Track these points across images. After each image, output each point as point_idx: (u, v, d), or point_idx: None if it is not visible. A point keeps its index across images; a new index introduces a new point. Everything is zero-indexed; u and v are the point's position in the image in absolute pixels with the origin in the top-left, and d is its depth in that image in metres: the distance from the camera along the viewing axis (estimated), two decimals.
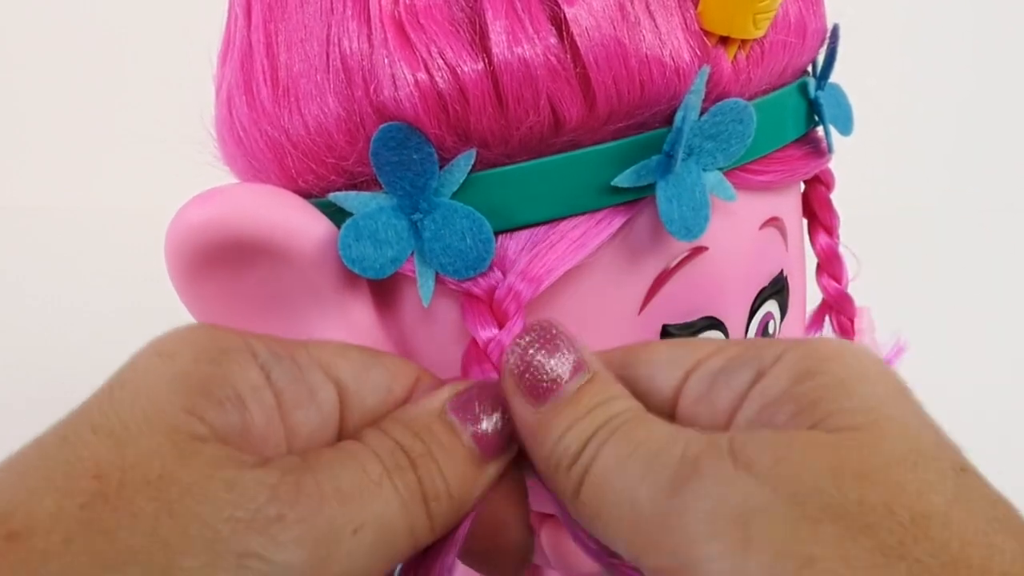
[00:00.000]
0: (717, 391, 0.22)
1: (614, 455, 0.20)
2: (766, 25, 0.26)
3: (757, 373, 0.21)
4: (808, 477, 0.18)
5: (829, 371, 0.20)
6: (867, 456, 0.18)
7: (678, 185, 0.25)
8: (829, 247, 0.34)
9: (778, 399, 0.21)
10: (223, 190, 0.25)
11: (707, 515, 0.18)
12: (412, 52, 0.24)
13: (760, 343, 0.22)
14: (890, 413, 0.19)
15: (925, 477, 0.18)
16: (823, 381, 0.20)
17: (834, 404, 0.20)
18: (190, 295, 0.26)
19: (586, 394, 0.22)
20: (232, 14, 0.29)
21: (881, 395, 0.20)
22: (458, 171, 0.25)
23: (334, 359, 0.23)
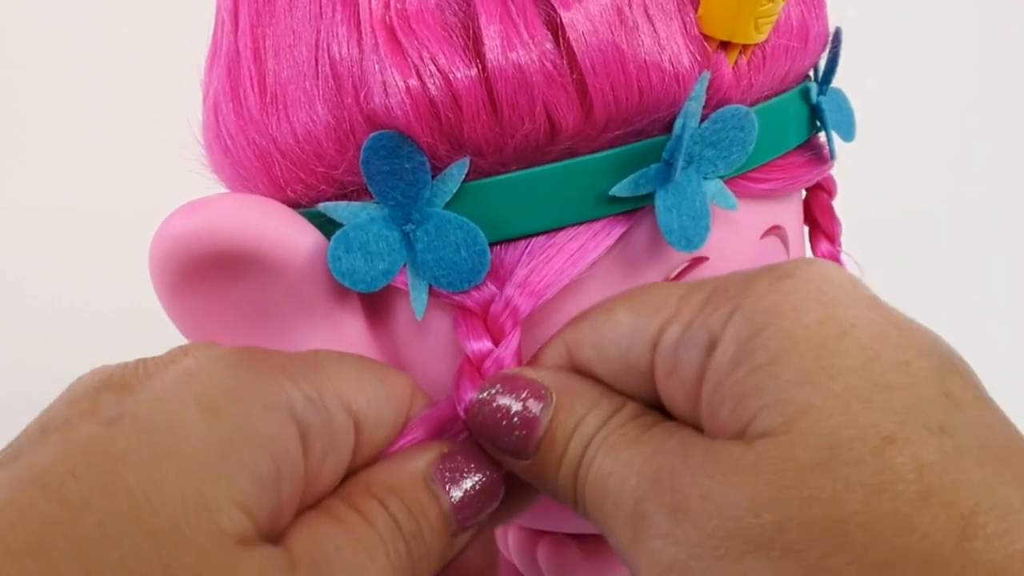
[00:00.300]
0: (681, 366, 0.22)
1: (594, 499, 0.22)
2: (768, 29, 0.25)
3: (709, 344, 0.21)
4: (730, 511, 0.18)
5: (766, 343, 0.20)
6: (781, 472, 0.18)
7: (678, 194, 0.25)
8: (831, 255, 0.34)
9: (721, 384, 0.20)
10: (209, 200, 0.25)
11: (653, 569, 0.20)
12: (403, 58, 0.23)
13: (715, 298, 0.22)
14: (810, 399, 0.19)
15: (839, 476, 0.18)
16: (756, 361, 0.20)
17: (759, 400, 0.19)
18: (175, 308, 0.26)
19: (558, 428, 0.23)
20: (219, 19, 0.28)
21: (812, 366, 0.19)
22: (451, 180, 0.24)
23: (353, 390, 0.23)
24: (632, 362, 0.23)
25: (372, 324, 0.26)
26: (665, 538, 0.19)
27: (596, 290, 0.25)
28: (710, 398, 0.21)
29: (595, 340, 0.24)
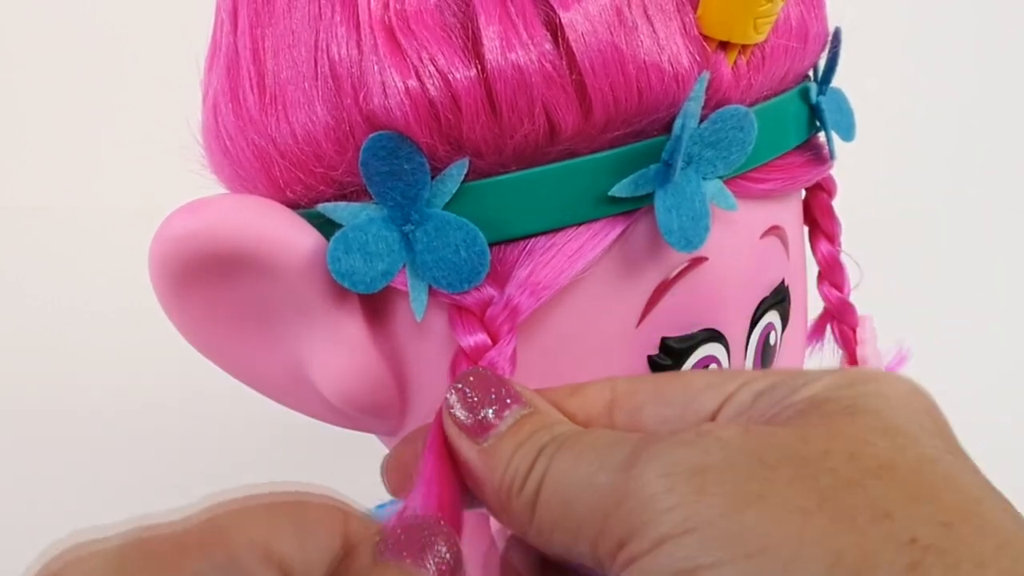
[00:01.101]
0: (758, 406, 0.21)
1: (567, 459, 0.21)
2: (767, 29, 0.25)
3: (803, 384, 0.21)
4: (774, 439, 0.18)
5: (855, 385, 0.20)
6: (841, 427, 0.18)
7: (677, 194, 0.25)
8: (831, 255, 0.34)
9: (800, 401, 0.20)
10: (208, 201, 0.24)
11: (663, 475, 0.18)
12: (403, 58, 0.23)
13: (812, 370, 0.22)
14: (883, 407, 0.19)
15: (897, 442, 0.18)
16: (846, 391, 0.20)
17: (841, 402, 0.20)
18: (175, 309, 0.26)
19: (527, 423, 0.22)
20: (218, 19, 0.28)
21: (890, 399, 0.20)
22: (450, 181, 0.24)
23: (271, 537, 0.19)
24: (696, 411, 0.22)
25: (371, 325, 0.26)
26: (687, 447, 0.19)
27: (597, 290, 0.25)
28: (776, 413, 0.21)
29: (659, 388, 0.23)
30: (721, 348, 0.28)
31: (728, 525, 0.17)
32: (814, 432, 0.18)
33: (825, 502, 0.17)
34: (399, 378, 0.27)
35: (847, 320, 0.34)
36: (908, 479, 0.17)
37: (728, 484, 0.18)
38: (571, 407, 0.24)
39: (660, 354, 0.27)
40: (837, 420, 0.19)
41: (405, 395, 0.27)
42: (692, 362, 0.27)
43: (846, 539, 0.16)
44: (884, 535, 0.16)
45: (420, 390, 0.27)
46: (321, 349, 0.26)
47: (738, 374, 0.23)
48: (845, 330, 0.34)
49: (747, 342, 0.29)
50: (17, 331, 0.73)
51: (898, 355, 0.38)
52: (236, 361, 0.27)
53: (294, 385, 0.28)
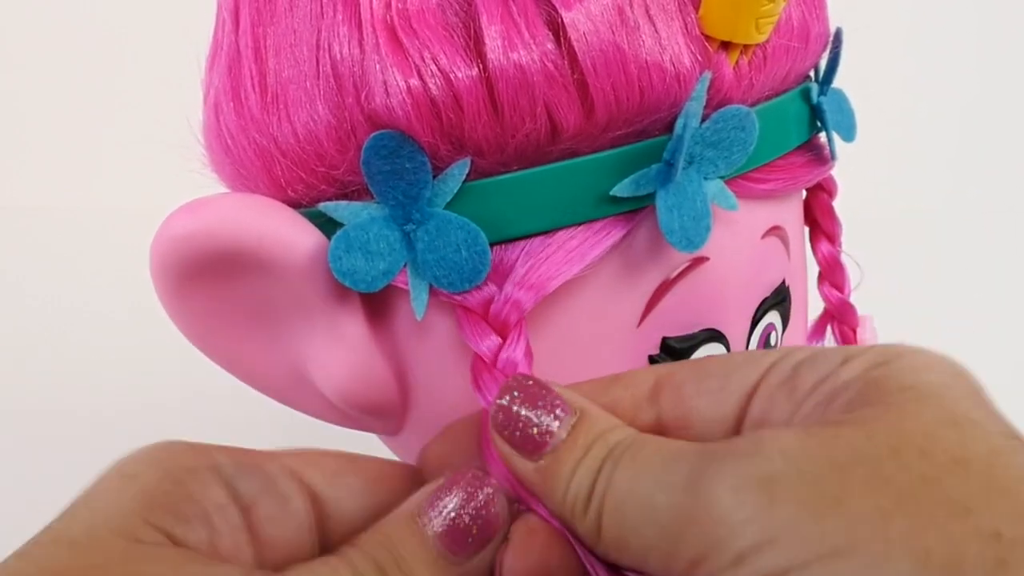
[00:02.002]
0: (801, 375, 0.21)
1: (626, 479, 0.20)
2: (769, 30, 0.25)
3: (844, 359, 0.21)
4: (838, 442, 0.18)
5: (901, 360, 0.20)
6: (905, 420, 0.18)
7: (679, 194, 0.25)
8: (831, 255, 0.34)
9: (849, 381, 0.20)
10: (209, 200, 0.24)
11: (731, 490, 0.18)
12: (405, 58, 0.23)
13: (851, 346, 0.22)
14: (942, 392, 0.19)
15: (967, 433, 0.18)
16: (893, 367, 0.20)
17: (892, 383, 0.19)
18: (176, 308, 0.26)
19: (580, 434, 0.22)
20: (220, 18, 0.28)
21: (942, 380, 0.20)
22: (452, 180, 0.24)
23: (305, 467, 0.23)
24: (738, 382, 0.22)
25: (372, 324, 0.26)
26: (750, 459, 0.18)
27: (598, 290, 0.25)
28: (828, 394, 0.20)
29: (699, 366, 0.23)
30: (722, 348, 0.28)
31: (809, 530, 0.17)
32: (878, 427, 0.18)
33: (904, 501, 0.17)
34: (400, 377, 0.27)
35: (847, 320, 0.34)
36: (983, 472, 0.17)
37: (800, 491, 0.17)
38: (612, 394, 0.23)
39: (661, 354, 0.27)
40: (898, 410, 0.19)
41: (406, 394, 0.27)
42: None
43: (931, 536, 0.16)
44: (969, 531, 0.16)
45: (421, 389, 0.27)
46: (322, 348, 0.26)
47: (775, 349, 0.23)
48: (845, 330, 0.34)
49: (748, 342, 0.29)
50: (17, 331, 0.73)
51: None
52: (237, 360, 0.27)
53: (295, 384, 0.28)
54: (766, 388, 0.22)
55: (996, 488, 0.17)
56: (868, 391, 0.20)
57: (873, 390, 0.19)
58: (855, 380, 0.20)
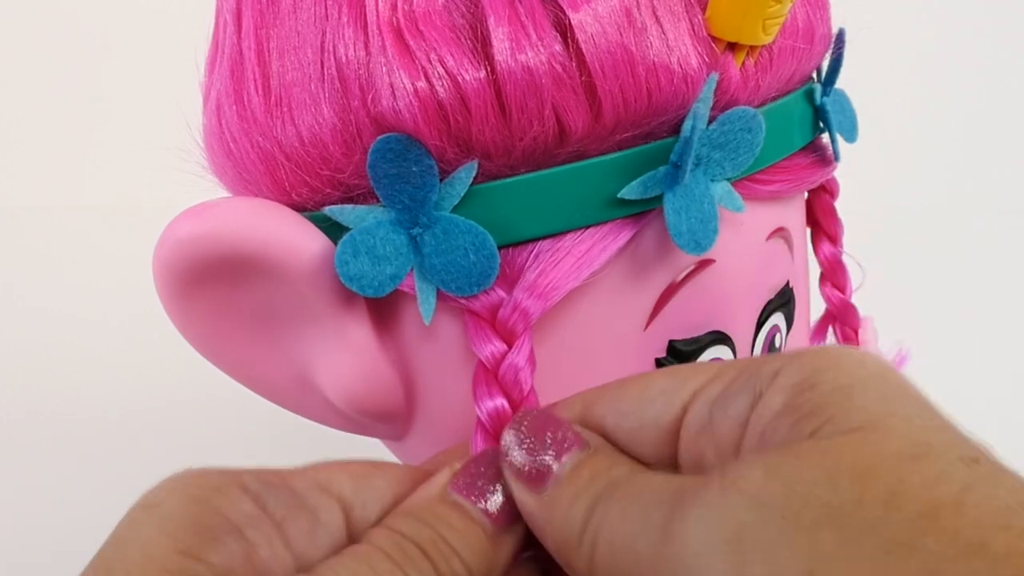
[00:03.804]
0: (717, 421, 0.21)
1: (615, 516, 0.20)
2: (775, 31, 0.25)
3: (755, 396, 0.21)
4: (801, 487, 0.17)
5: (827, 380, 0.20)
6: (865, 455, 0.18)
7: (686, 197, 0.25)
8: (833, 256, 0.34)
9: (777, 416, 0.20)
10: (214, 204, 0.24)
11: (700, 544, 0.18)
12: (411, 60, 0.23)
13: (756, 362, 0.21)
14: (892, 411, 0.18)
15: (932, 468, 0.17)
16: (821, 390, 0.19)
17: (833, 408, 0.19)
18: (179, 314, 0.25)
19: (586, 467, 0.21)
20: (220, 20, 0.27)
21: (883, 395, 0.19)
22: (459, 184, 0.24)
23: (331, 477, 0.22)
24: (653, 422, 0.22)
25: (379, 329, 0.26)
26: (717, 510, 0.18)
27: (605, 293, 0.25)
28: (759, 436, 0.20)
29: (618, 397, 0.23)
30: (728, 351, 0.28)
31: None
32: (835, 466, 0.17)
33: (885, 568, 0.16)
34: (406, 382, 0.27)
35: (849, 321, 0.34)
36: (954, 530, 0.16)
37: (769, 555, 0.17)
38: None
39: (667, 357, 0.27)
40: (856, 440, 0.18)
41: (412, 399, 0.27)
42: None
43: None
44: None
45: (427, 394, 0.27)
46: (327, 353, 0.26)
47: (690, 376, 0.22)
48: (847, 331, 0.34)
49: (753, 344, 0.29)
50: (17, 331, 0.72)
51: (898, 355, 0.38)
52: (241, 365, 0.27)
53: (299, 390, 0.27)
54: (686, 438, 0.22)
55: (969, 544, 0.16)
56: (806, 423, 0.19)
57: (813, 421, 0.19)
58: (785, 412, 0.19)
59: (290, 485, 0.21)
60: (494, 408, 0.24)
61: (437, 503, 0.22)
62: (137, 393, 0.61)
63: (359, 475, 0.22)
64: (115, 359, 0.65)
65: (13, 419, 0.60)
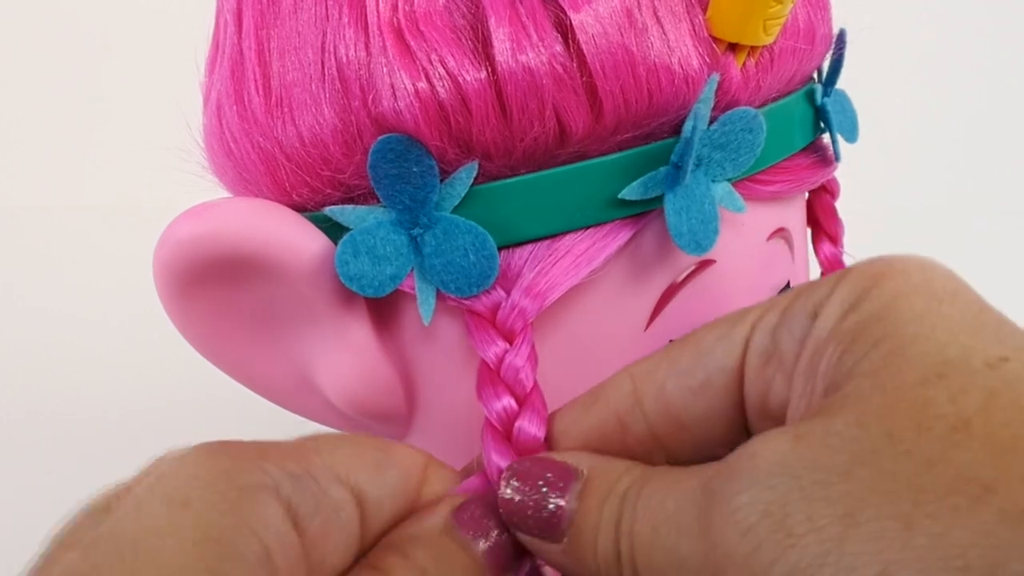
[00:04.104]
0: (783, 345, 0.20)
1: (647, 533, 0.19)
2: (776, 31, 0.25)
3: (813, 313, 0.20)
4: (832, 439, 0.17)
5: (870, 298, 0.19)
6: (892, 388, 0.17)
7: (687, 197, 0.25)
8: (833, 256, 0.34)
9: (825, 342, 0.19)
10: (214, 205, 0.24)
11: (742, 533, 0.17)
12: (412, 60, 0.23)
13: (813, 283, 0.21)
14: (921, 329, 0.18)
15: (956, 383, 0.17)
16: (862, 312, 0.19)
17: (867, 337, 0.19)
18: (179, 313, 0.25)
19: (590, 496, 0.21)
20: (221, 20, 0.27)
21: (919, 311, 0.19)
22: (460, 184, 0.24)
23: (351, 467, 0.21)
24: (719, 369, 0.21)
25: (379, 329, 0.26)
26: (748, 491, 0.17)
27: (606, 293, 0.25)
28: (809, 363, 0.19)
29: (675, 359, 0.22)
30: None
31: (836, 561, 0.16)
32: (866, 407, 0.17)
33: (919, 497, 0.16)
34: (406, 383, 0.27)
35: None
36: (984, 434, 0.16)
37: (811, 518, 0.16)
38: (596, 415, 0.23)
39: None
40: (882, 378, 0.18)
41: (412, 400, 0.27)
42: None
43: (962, 534, 0.15)
44: (995, 517, 0.15)
45: (427, 394, 0.27)
46: (327, 353, 0.26)
47: (743, 315, 0.22)
48: None
49: None
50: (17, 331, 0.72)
51: None
52: (241, 365, 0.27)
53: (300, 390, 0.27)
54: (752, 371, 0.21)
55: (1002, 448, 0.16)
56: (846, 357, 0.19)
57: (850, 354, 0.19)
58: (830, 338, 0.19)
59: (315, 478, 0.20)
60: (502, 408, 0.24)
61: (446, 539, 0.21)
62: (137, 393, 0.61)
63: (375, 465, 0.21)
64: (115, 359, 0.65)
65: (13, 419, 0.60)
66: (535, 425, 0.24)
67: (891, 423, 0.17)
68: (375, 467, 0.21)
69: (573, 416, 0.23)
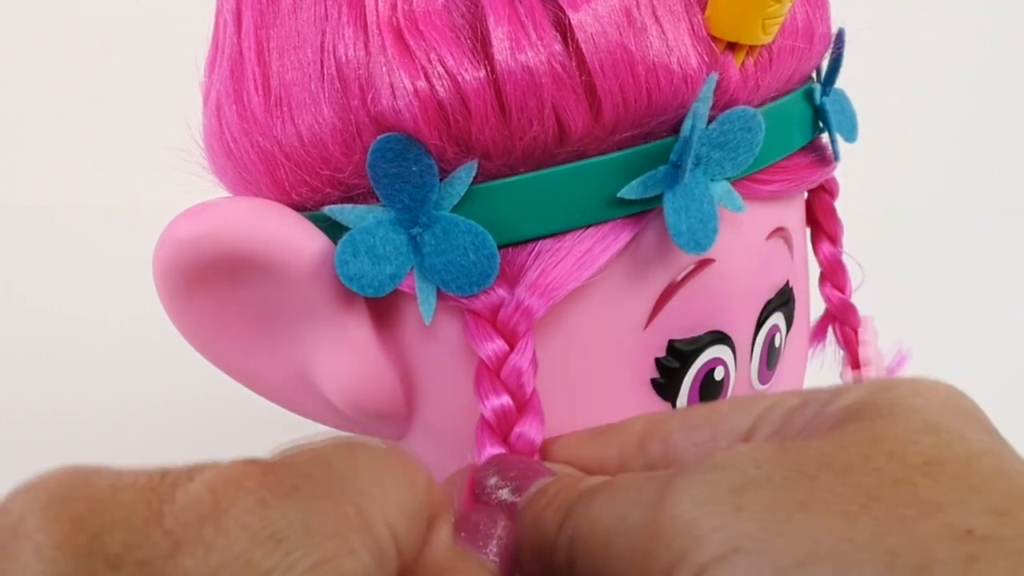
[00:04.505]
0: (792, 421, 0.21)
1: (600, 506, 0.20)
2: (775, 30, 0.25)
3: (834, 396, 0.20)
4: (811, 450, 0.18)
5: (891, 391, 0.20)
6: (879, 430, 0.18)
7: (686, 196, 0.25)
8: (833, 256, 0.34)
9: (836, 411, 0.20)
10: (214, 204, 0.24)
11: (698, 500, 0.17)
12: (411, 60, 0.23)
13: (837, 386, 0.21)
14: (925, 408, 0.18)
15: (943, 438, 0.17)
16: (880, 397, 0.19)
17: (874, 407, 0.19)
18: (179, 312, 0.25)
19: (552, 485, 0.22)
20: (220, 20, 0.28)
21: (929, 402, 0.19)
22: (459, 183, 0.24)
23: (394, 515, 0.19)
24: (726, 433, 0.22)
25: (379, 329, 0.26)
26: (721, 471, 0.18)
27: (605, 292, 0.25)
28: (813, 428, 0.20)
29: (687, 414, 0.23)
30: (727, 350, 0.28)
31: (772, 538, 0.16)
32: (852, 438, 0.18)
33: (872, 502, 0.16)
34: (406, 382, 0.27)
35: (849, 321, 0.34)
36: (956, 472, 0.17)
37: (767, 498, 0.17)
38: (601, 444, 0.23)
39: (667, 356, 0.27)
40: (875, 423, 0.18)
41: (412, 399, 0.27)
42: (699, 364, 0.27)
43: (898, 536, 0.16)
44: (938, 529, 0.16)
45: (427, 394, 0.27)
46: (327, 353, 0.26)
47: (766, 396, 0.22)
48: (847, 331, 0.34)
49: (753, 344, 0.29)
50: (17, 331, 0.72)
51: (898, 355, 0.38)
52: (240, 365, 0.27)
53: (299, 390, 0.27)
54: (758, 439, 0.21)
55: (969, 486, 0.16)
56: (848, 416, 0.19)
57: (852, 415, 0.19)
58: (841, 411, 0.20)
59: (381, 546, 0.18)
60: (500, 406, 0.24)
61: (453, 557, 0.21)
62: (137, 393, 0.61)
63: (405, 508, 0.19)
64: (115, 359, 0.65)
65: (13, 419, 0.60)
66: (535, 430, 0.24)
67: (869, 449, 0.17)
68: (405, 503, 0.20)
69: (578, 441, 0.24)
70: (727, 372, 0.28)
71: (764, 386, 0.30)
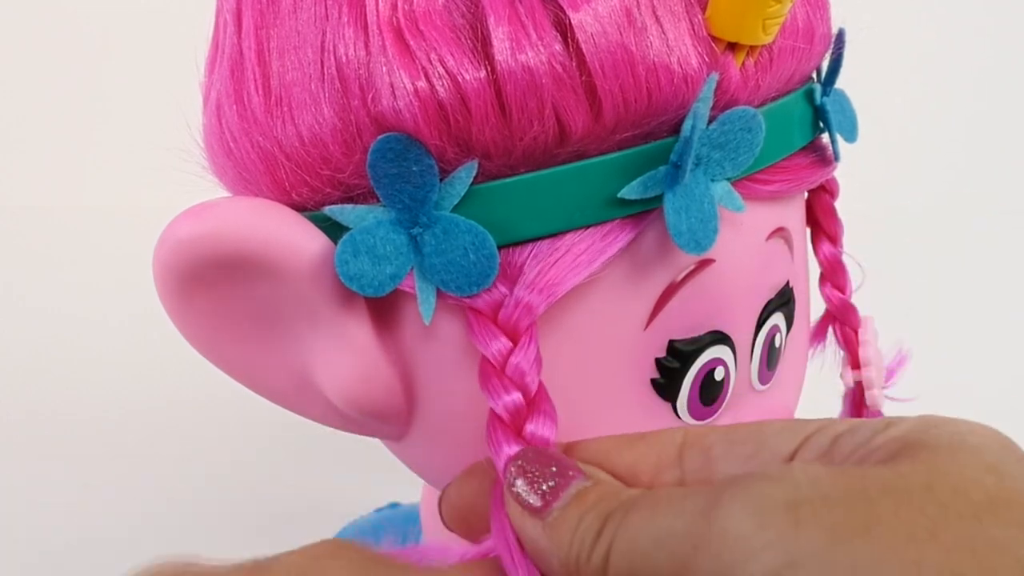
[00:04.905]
0: (839, 446, 0.21)
1: (641, 516, 0.19)
2: (775, 30, 0.25)
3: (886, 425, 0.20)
4: (869, 476, 0.17)
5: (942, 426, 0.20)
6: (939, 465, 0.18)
7: (686, 196, 0.25)
8: (833, 256, 0.34)
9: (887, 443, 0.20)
10: (214, 204, 0.24)
11: (752, 513, 0.17)
12: (411, 60, 0.23)
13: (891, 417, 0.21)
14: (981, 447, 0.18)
15: (1006, 479, 0.17)
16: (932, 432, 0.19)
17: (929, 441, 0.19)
18: (179, 312, 0.25)
19: (591, 492, 0.21)
20: (220, 20, 0.28)
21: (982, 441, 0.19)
22: (459, 183, 0.24)
23: None
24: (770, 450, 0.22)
25: (379, 329, 0.26)
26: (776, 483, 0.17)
27: (605, 292, 0.25)
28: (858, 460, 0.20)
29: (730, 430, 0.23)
30: (728, 350, 0.28)
31: (836, 557, 0.16)
32: (911, 468, 0.18)
33: (939, 532, 0.16)
34: (406, 382, 0.27)
35: (849, 321, 0.34)
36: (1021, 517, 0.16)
37: (828, 516, 0.17)
38: (636, 451, 0.23)
39: (668, 356, 0.27)
40: (935, 457, 0.18)
41: (412, 399, 0.27)
42: (699, 365, 0.27)
43: (968, 565, 0.15)
44: (1010, 563, 0.15)
45: (427, 394, 0.27)
46: (327, 353, 0.26)
47: (812, 420, 0.22)
48: (847, 331, 0.34)
49: (753, 344, 0.29)
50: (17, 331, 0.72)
51: (898, 355, 0.38)
52: (240, 365, 0.27)
53: (299, 390, 0.27)
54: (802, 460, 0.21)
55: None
56: (903, 448, 0.19)
57: (908, 447, 0.19)
58: (892, 441, 0.20)
59: None
60: (512, 402, 0.24)
61: None
62: (137, 393, 0.61)
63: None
64: (115, 359, 0.65)
65: (13, 419, 0.60)
66: (547, 428, 0.24)
67: (932, 480, 0.17)
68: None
69: (613, 446, 0.24)
70: (727, 372, 0.28)
71: (764, 386, 0.30)
